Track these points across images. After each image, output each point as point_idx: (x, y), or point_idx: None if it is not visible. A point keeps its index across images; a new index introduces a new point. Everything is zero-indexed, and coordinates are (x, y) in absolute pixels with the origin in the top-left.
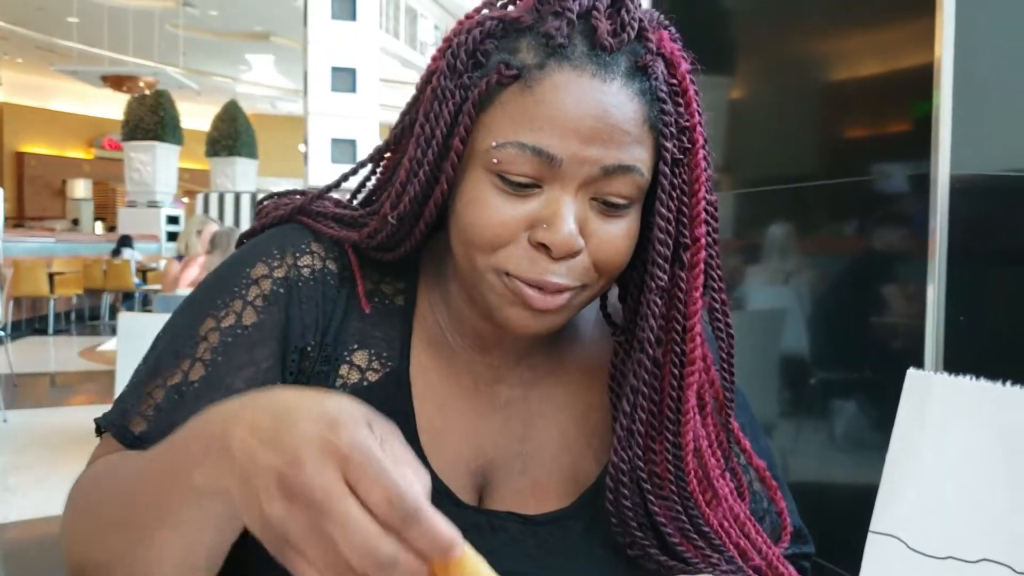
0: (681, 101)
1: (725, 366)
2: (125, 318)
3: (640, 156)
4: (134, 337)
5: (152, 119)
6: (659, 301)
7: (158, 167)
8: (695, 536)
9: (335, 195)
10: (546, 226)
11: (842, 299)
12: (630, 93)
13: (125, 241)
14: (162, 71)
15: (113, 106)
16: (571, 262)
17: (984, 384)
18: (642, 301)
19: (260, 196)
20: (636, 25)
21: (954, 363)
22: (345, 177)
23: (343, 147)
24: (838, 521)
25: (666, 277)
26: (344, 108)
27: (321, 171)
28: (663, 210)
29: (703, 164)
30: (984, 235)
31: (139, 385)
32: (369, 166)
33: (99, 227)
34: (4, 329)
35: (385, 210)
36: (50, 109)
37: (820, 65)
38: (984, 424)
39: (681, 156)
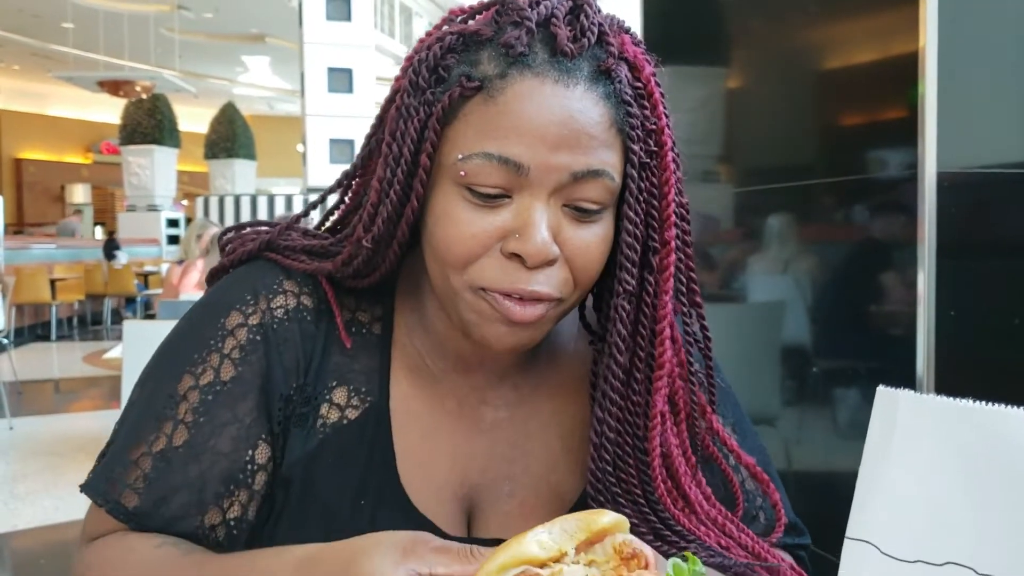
0: (647, 104)
1: (702, 369)
2: (130, 326)
3: (609, 160)
4: (140, 344)
5: (150, 123)
6: (627, 306)
7: (157, 171)
8: (672, 536)
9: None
10: (518, 236)
11: (841, 289)
12: (595, 97)
13: (114, 244)
14: (158, 75)
15: (111, 111)
16: (548, 271)
17: (946, 400)
18: (612, 306)
19: (258, 198)
20: (596, 30)
21: (945, 355)
22: (313, 205)
23: (341, 147)
24: (841, 510)
25: (634, 281)
26: (341, 108)
27: (320, 171)
28: (631, 213)
29: (672, 167)
30: (972, 228)
31: (123, 451)
32: (338, 192)
33: (99, 232)
34: (7, 336)
35: (358, 234)
36: (48, 115)
37: (815, 56)
38: (945, 437)
39: (648, 159)
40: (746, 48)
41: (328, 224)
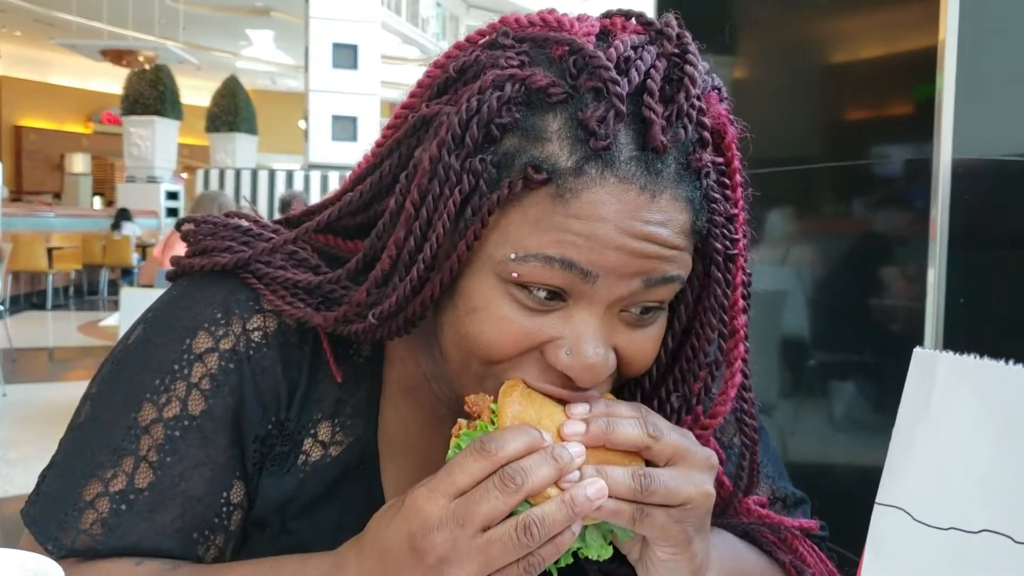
0: (728, 184)
1: (744, 474)
2: (128, 293)
3: (684, 263)
4: (137, 312)
5: (152, 94)
6: (675, 404)
7: (157, 142)
8: None
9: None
10: (568, 351)
11: (843, 281)
12: (679, 205)
13: (124, 215)
14: (162, 46)
15: (113, 80)
16: None
17: (986, 362)
18: (658, 400)
19: (259, 173)
20: (695, 112)
21: (953, 346)
22: (308, 215)
23: (344, 124)
24: (837, 501)
25: (700, 385)
26: (345, 85)
27: (321, 148)
28: (712, 320)
29: (743, 254)
30: (985, 219)
31: (73, 487)
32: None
33: (97, 202)
34: (3, 303)
35: (360, 298)
36: (49, 83)
37: (824, 47)
38: (986, 401)
39: (734, 251)
40: (761, 38)
41: (318, 216)
